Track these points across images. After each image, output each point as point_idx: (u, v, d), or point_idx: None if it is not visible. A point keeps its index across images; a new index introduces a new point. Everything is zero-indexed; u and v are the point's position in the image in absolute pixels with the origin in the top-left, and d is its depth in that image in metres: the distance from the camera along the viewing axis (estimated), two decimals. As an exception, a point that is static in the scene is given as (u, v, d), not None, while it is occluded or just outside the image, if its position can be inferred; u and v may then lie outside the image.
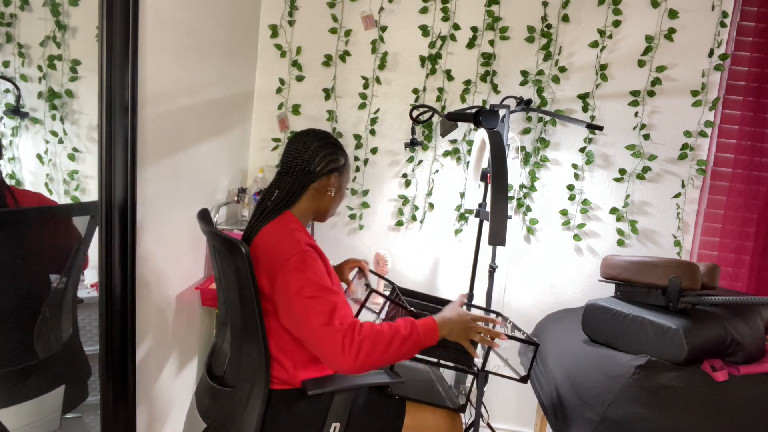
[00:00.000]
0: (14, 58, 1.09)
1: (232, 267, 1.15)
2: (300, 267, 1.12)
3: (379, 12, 2.12)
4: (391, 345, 1.09)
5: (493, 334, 1.20)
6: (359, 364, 1.06)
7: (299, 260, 1.13)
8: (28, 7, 1.09)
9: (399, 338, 1.10)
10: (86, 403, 1.29)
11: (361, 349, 1.06)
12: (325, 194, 1.30)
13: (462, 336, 1.18)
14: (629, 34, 2.02)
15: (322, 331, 1.08)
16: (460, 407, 1.32)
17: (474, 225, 2.18)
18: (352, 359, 1.06)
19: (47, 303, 1.15)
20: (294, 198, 1.25)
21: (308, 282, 1.11)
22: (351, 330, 1.08)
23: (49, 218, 1.16)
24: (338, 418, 1.21)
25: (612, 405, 1.26)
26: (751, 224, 2.02)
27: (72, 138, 1.21)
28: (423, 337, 1.13)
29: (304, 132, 1.29)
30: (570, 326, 1.72)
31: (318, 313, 1.09)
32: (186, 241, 1.65)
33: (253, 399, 1.16)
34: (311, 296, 1.10)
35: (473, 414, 1.57)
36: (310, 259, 1.14)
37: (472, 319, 1.20)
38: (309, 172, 1.25)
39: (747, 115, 2.00)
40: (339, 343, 1.06)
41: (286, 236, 1.19)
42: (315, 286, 1.11)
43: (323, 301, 1.10)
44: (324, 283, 1.13)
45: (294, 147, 1.26)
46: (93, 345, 1.27)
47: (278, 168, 1.29)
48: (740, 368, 1.33)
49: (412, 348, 1.12)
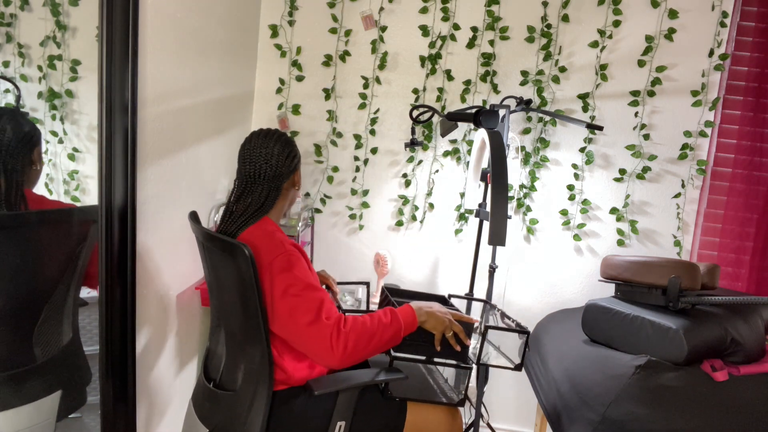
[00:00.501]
0: (14, 58, 1.09)
1: (232, 269, 1.15)
2: (286, 267, 1.16)
3: (379, 12, 2.12)
4: (375, 334, 1.15)
5: (462, 336, 1.29)
6: (347, 356, 1.12)
7: (284, 260, 1.16)
8: (28, 7, 1.09)
9: (381, 326, 1.17)
10: (86, 403, 1.28)
11: (348, 342, 1.11)
12: (292, 189, 1.35)
13: (437, 326, 1.26)
14: (629, 34, 2.02)
15: (310, 328, 1.12)
16: (459, 402, 1.34)
17: (474, 225, 2.18)
18: (340, 353, 1.11)
19: (48, 306, 1.14)
20: (271, 203, 1.29)
21: (295, 280, 1.15)
22: (337, 325, 1.13)
23: (51, 221, 1.16)
24: (343, 417, 1.22)
25: (612, 405, 1.26)
26: (751, 224, 2.02)
27: (72, 138, 1.21)
28: (403, 323, 1.20)
29: (259, 137, 1.30)
30: (570, 326, 1.72)
31: (305, 311, 1.13)
32: (186, 241, 1.65)
33: (257, 402, 1.16)
34: (297, 294, 1.14)
35: (473, 414, 1.58)
36: (294, 258, 1.18)
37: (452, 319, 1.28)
38: (278, 175, 1.29)
39: (747, 115, 2.00)
40: (327, 338, 1.11)
41: (268, 239, 1.21)
42: (301, 284, 1.14)
43: (310, 299, 1.14)
44: (309, 280, 1.16)
45: (257, 155, 1.27)
46: (93, 345, 1.27)
47: (242, 176, 1.29)
48: (740, 368, 1.33)
49: (395, 335, 1.18)
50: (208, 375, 1.33)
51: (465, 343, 1.29)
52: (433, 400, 1.34)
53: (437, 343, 1.28)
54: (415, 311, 1.24)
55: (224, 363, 1.28)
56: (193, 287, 1.75)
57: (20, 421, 1.08)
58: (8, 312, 1.05)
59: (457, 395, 1.37)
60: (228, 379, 1.25)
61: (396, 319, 1.20)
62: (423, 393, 1.38)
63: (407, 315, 1.23)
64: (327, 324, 1.12)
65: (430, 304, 1.29)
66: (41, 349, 1.13)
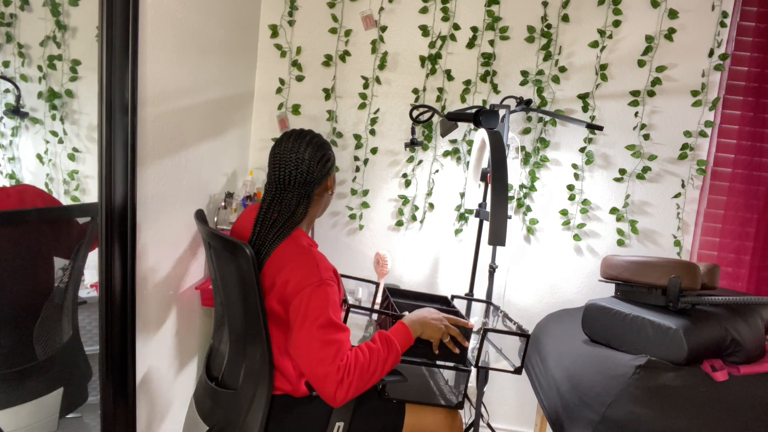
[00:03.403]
0: (14, 58, 1.09)
1: (234, 268, 1.15)
2: (319, 296, 1.12)
3: (379, 12, 2.12)
4: (375, 372, 1.14)
5: (460, 339, 1.28)
6: (349, 398, 1.11)
7: (318, 289, 1.12)
8: (28, 7, 1.09)
9: (381, 362, 1.14)
10: (86, 402, 1.28)
11: (351, 386, 1.10)
12: (325, 194, 1.31)
13: (433, 335, 1.24)
14: (629, 34, 2.02)
15: (321, 367, 1.09)
16: (457, 404, 1.33)
17: (474, 225, 2.18)
18: (342, 396, 1.10)
19: (48, 304, 1.14)
20: (303, 211, 1.23)
21: (322, 314, 1.11)
22: (346, 371, 1.10)
23: (49, 218, 1.16)
24: (342, 418, 1.22)
25: (612, 405, 1.26)
26: (751, 224, 2.02)
27: (72, 138, 1.21)
28: (400, 346, 1.19)
29: (290, 139, 1.23)
30: (570, 326, 1.72)
31: (320, 348, 1.10)
32: (186, 241, 1.65)
33: (257, 402, 1.16)
34: (321, 329, 1.11)
35: (473, 414, 1.58)
36: (331, 290, 1.14)
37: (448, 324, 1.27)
38: (310, 181, 1.22)
39: (747, 115, 2.00)
40: (334, 383, 1.09)
41: (304, 259, 1.16)
42: (327, 321, 1.11)
43: (331, 339, 1.11)
44: (335, 318, 1.13)
45: (287, 159, 1.21)
46: (93, 345, 1.27)
47: (271, 181, 1.23)
48: (740, 368, 1.33)
49: (394, 362, 1.17)
50: (210, 373, 1.32)
51: (463, 345, 1.28)
52: (432, 402, 1.33)
53: (435, 348, 1.26)
54: (409, 328, 1.21)
55: (226, 361, 1.28)
56: (193, 287, 1.75)
57: (23, 419, 1.09)
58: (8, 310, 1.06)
59: (457, 397, 1.37)
60: (230, 378, 1.25)
61: (393, 347, 1.17)
62: (422, 395, 1.37)
63: (402, 336, 1.20)
64: (338, 370, 1.09)
65: (423, 313, 1.26)
66: (42, 346, 1.13)
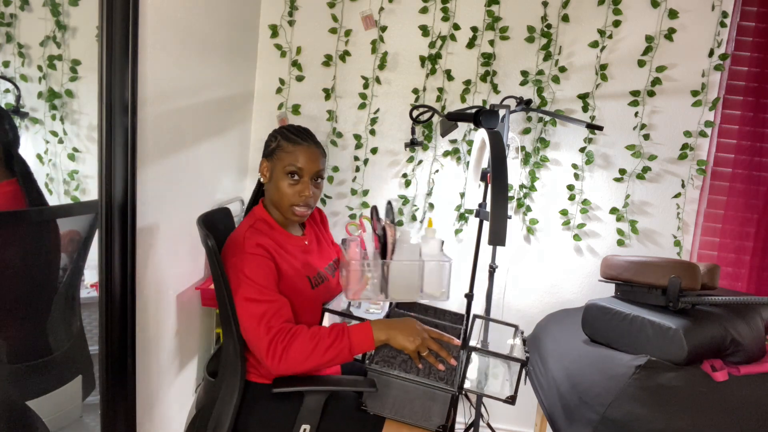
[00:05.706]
0: (14, 58, 1.09)
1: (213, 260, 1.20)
2: (239, 266, 1.17)
3: (379, 12, 2.12)
4: (314, 353, 1.13)
5: (443, 354, 1.20)
6: (284, 368, 1.12)
7: (240, 260, 1.18)
8: (28, 7, 1.09)
9: (323, 347, 1.13)
10: (86, 403, 1.29)
11: (284, 355, 1.11)
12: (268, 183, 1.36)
13: (405, 345, 1.17)
14: (629, 34, 2.02)
15: (251, 333, 1.14)
16: (440, 427, 1.20)
17: (474, 225, 2.18)
18: (276, 363, 1.11)
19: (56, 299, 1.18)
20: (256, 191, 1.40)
21: (246, 282, 1.16)
22: (277, 336, 1.12)
23: (55, 216, 1.17)
24: (308, 420, 1.20)
25: (612, 405, 1.26)
26: (751, 224, 2.02)
27: (72, 138, 1.21)
28: (355, 343, 1.15)
29: None
30: (570, 326, 1.72)
31: (249, 315, 1.15)
32: (186, 240, 1.65)
33: (230, 389, 1.21)
34: (244, 298, 1.16)
35: (473, 414, 1.57)
36: (254, 260, 1.19)
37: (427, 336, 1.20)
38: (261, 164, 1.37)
39: (747, 115, 2.00)
40: (264, 347, 1.12)
41: (239, 233, 1.25)
42: (252, 288, 1.16)
43: (256, 304, 1.15)
44: (261, 284, 1.17)
45: None
46: (93, 345, 1.28)
47: None
48: (740, 368, 1.33)
49: (341, 353, 1.14)
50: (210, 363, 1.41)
51: (448, 362, 1.20)
52: (412, 422, 1.21)
53: (416, 361, 1.20)
54: (372, 329, 1.17)
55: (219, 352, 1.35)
56: (193, 287, 1.75)
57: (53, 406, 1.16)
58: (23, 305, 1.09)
59: (440, 419, 1.20)
60: (217, 368, 1.32)
61: (342, 338, 1.14)
62: (403, 411, 1.21)
63: (360, 333, 1.16)
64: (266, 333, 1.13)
65: (395, 321, 1.20)
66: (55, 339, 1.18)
